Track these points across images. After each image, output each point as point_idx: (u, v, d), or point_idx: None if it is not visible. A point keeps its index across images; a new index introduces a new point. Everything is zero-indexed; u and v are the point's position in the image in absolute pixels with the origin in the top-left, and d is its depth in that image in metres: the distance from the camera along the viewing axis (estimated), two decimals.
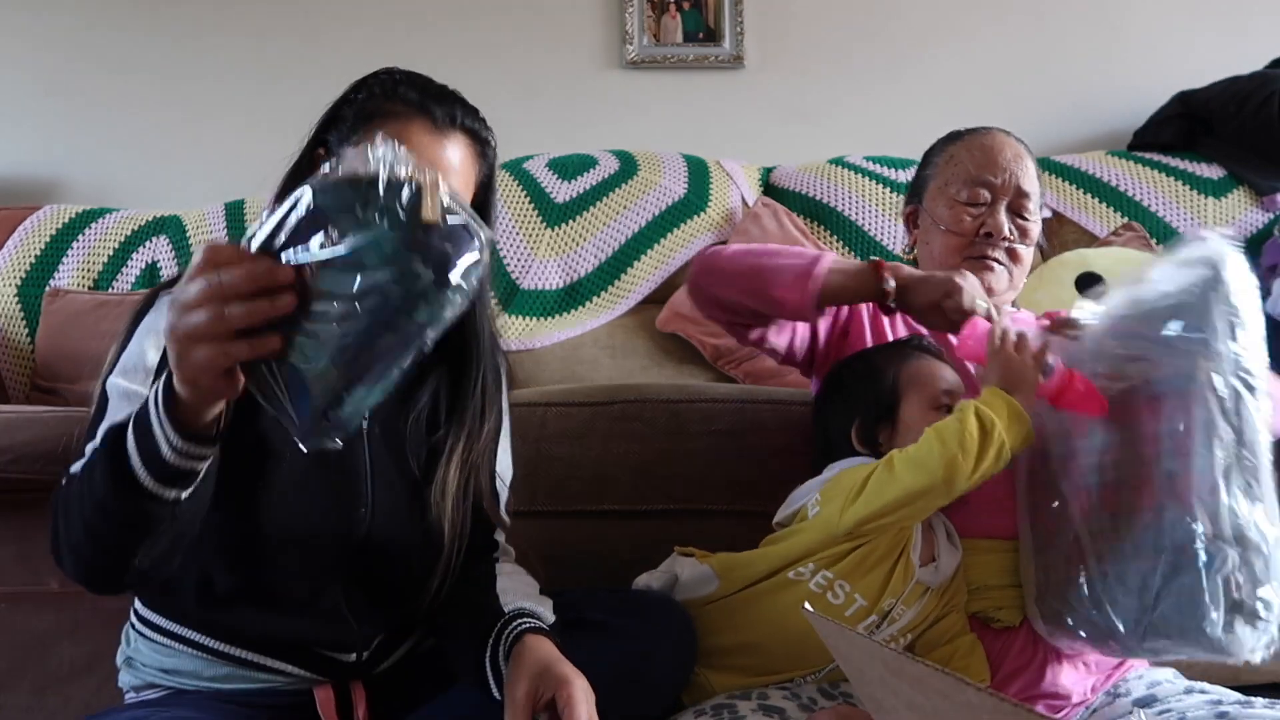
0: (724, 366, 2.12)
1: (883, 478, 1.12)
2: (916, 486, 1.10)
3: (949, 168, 1.44)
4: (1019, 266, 1.42)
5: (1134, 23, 2.70)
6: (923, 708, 0.70)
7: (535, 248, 2.25)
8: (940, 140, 1.51)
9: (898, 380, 1.24)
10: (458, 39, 2.66)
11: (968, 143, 1.45)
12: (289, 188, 1.14)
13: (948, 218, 1.41)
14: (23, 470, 1.40)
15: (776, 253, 1.34)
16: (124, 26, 2.67)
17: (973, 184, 1.40)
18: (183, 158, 2.65)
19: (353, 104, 1.14)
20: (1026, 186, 1.40)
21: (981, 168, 1.40)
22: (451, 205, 0.76)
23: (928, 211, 1.45)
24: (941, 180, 1.44)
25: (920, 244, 1.48)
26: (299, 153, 1.17)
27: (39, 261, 2.25)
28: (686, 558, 1.30)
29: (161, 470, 0.85)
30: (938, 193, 1.44)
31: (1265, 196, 2.32)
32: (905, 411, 1.23)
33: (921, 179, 1.50)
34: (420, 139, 1.10)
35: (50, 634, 1.45)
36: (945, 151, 1.47)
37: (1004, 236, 1.39)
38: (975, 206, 1.40)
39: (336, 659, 1.12)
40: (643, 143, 2.45)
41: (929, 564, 1.18)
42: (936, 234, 1.43)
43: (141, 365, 1.03)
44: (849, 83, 2.71)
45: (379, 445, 1.15)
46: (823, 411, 1.33)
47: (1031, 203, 1.41)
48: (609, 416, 1.50)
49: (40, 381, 2.11)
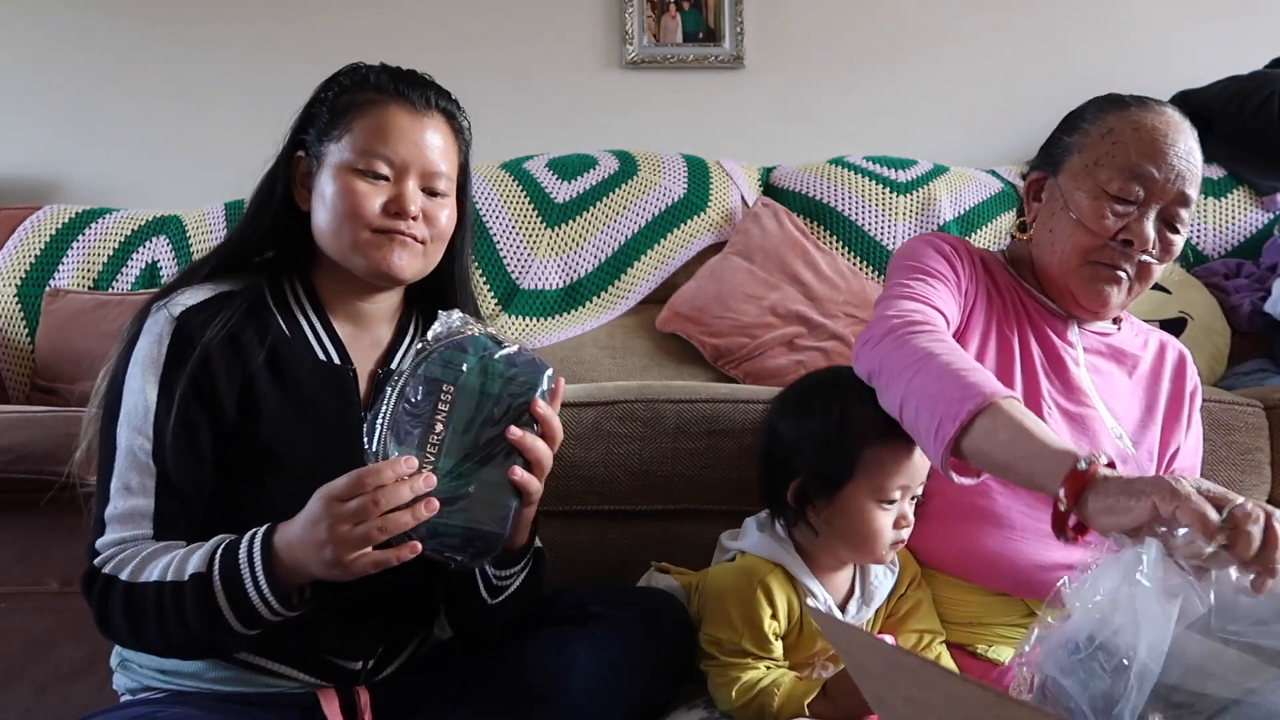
0: (724, 366, 2.12)
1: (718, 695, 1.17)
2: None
3: (1103, 144, 1.19)
4: (1142, 286, 1.22)
5: (1134, 23, 2.70)
6: (918, 700, 0.71)
7: (535, 248, 2.25)
8: (1095, 103, 1.25)
9: (856, 460, 1.13)
10: (458, 39, 2.66)
11: (1134, 118, 1.19)
12: (267, 192, 1.16)
13: (1088, 209, 1.18)
14: (23, 470, 1.40)
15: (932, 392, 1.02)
16: (124, 26, 2.67)
17: (1129, 175, 1.16)
18: (183, 158, 2.65)
19: (325, 102, 1.15)
20: (1190, 191, 1.17)
21: (1144, 156, 1.16)
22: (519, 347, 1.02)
23: (1062, 190, 1.22)
24: (1090, 157, 1.19)
25: (1040, 224, 1.26)
26: (275, 156, 1.18)
27: (39, 261, 2.25)
28: (663, 575, 1.32)
29: (254, 621, 0.99)
30: (1082, 172, 1.20)
31: (1265, 196, 2.31)
32: (850, 492, 1.14)
33: (1062, 145, 1.25)
34: (401, 122, 1.12)
35: (50, 634, 1.45)
36: (1102, 120, 1.21)
37: (1146, 249, 1.17)
38: (1123, 204, 1.17)
39: (343, 665, 1.12)
40: (643, 143, 2.45)
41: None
42: (1066, 222, 1.21)
43: (143, 404, 1.06)
44: (849, 83, 2.71)
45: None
46: (778, 431, 1.22)
47: (1187, 213, 1.18)
48: (610, 417, 1.50)
49: (40, 381, 2.11)
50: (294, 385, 1.12)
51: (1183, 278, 2.20)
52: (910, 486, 1.15)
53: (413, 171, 1.12)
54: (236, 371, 1.09)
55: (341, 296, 1.17)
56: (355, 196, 1.10)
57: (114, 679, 1.15)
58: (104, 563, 1.02)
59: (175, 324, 1.08)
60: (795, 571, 1.18)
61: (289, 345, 1.13)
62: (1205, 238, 2.31)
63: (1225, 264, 2.27)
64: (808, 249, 2.21)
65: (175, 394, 1.05)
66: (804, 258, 2.20)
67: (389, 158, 1.11)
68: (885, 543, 1.15)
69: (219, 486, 1.08)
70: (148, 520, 1.04)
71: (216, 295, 1.12)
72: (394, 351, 1.21)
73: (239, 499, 1.08)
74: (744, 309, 2.13)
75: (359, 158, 1.11)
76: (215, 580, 0.97)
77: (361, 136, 1.11)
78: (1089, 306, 1.26)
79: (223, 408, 1.08)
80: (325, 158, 1.13)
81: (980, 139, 2.66)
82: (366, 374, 1.18)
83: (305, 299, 1.17)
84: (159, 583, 0.99)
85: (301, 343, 1.14)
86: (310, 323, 1.16)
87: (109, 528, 1.04)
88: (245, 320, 1.11)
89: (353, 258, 1.12)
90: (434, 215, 1.14)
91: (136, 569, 1.00)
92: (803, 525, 1.19)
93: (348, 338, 1.17)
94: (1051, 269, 1.26)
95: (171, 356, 1.07)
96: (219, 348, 1.08)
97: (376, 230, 1.11)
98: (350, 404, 1.15)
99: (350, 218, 1.10)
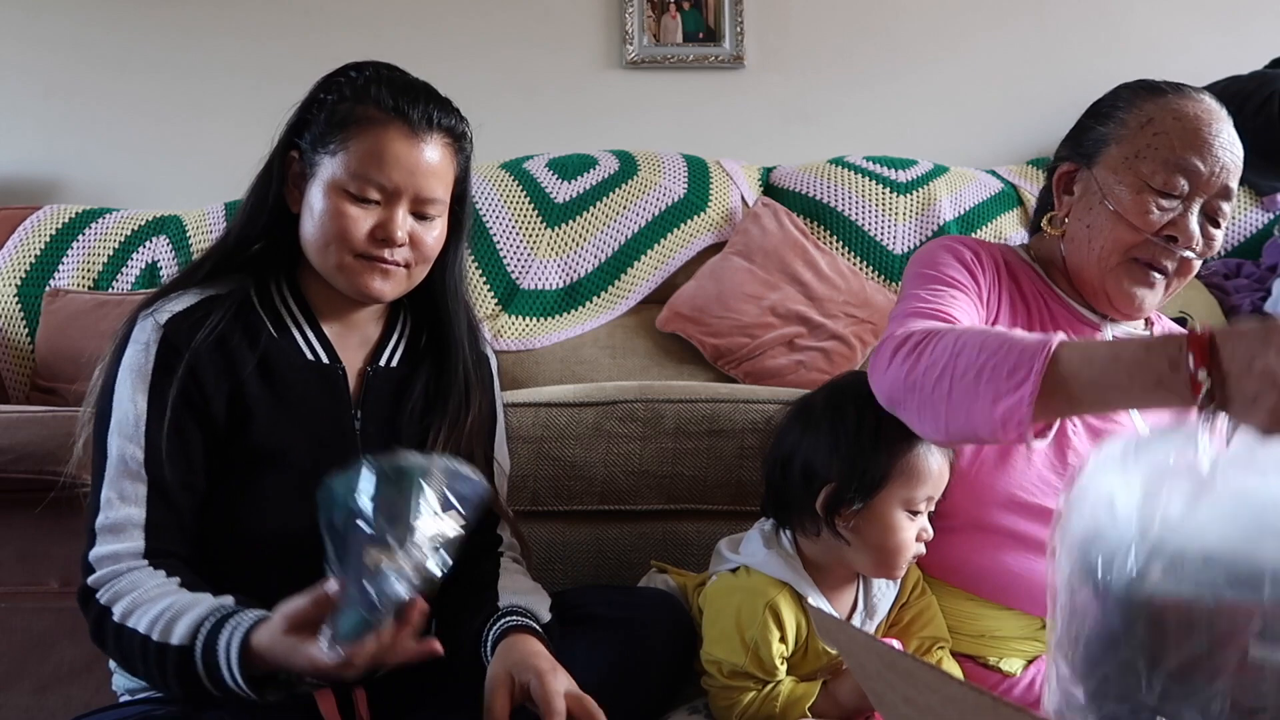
0: (724, 366, 2.12)
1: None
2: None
3: (1144, 135, 1.13)
4: (1180, 282, 1.18)
5: (1134, 23, 2.70)
6: (916, 702, 0.71)
7: (535, 248, 2.25)
8: (1129, 89, 1.19)
9: (891, 467, 1.11)
10: (458, 39, 2.66)
11: (1175, 107, 1.13)
12: (261, 192, 1.16)
13: (1130, 205, 1.12)
14: (23, 470, 1.40)
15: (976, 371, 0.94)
16: (124, 27, 2.67)
17: (1173, 168, 1.10)
18: (183, 158, 2.65)
19: (323, 105, 1.13)
20: (1233, 184, 1.13)
21: (1189, 148, 1.11)
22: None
23: (1099, 183, 1.16)
24: (1130, 149, 1.13)
25: (1074, 219, 1.19)
26: (269, 156, 1.17)
27: (39, 261, 2.25)
28: (661, 575, 1.31)
29: (230, 693, 0.97)
30: (1123, 164, 1.14)
31: (1265, 196, 2.31)
32: (883, 498, 1.12)
33: (1095, 135, 1.19)
34: (398, 148, 1.10)
35: (50, 634, 1.45)
36: (1140, 109, 1.15)
37: (1191, 246, 1.12)
38: (1168, 198, 1.11)
39: None
40: (643, 143, 2.45)
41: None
42: (1105, 217, 1.15)
43: (134, 413, 1.06)
44: (849, 83, 2.71)
45: (373, 443, 1.15)
46: (802, 438, 1.17)
47: (1229, 206, 1.14)
48: (610, 417, 1.50)
49: (40, 381, 2.11)
50: (283, 386, 1.12)
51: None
52: (934, 497, 1.14)
53: (404, 197, 1.11)
54: (225, 376, 1.09)
55: (328, 299, 1.17)
56: (344, 220, 1.09)
57: (114, 679, 1.15)
58: (98, 585, 1.03)
59: (162, 332, 1.08)
60: (803, 589, 1.16)
61: (277, 346, 1.13)
62: None
63: (1225, 264, 2.27)
64: (808, 249, 2.21)
65: (166, 402, 1.05)
66: (804, 258, 2.20)
67: (381, 184, 1.10)
68: (909, 556, 1.14)
69: (212, 490, 1.09)
70: (139, 530, 1.04)
71: (202, 300, 1.12)
72: (383, 348, 1.21)
73: (232, 501, 1.09)
74: (744, 309, 2.13)
75: (351, 180, 1.10)
76: (197, 659, 0.97)
77: (356, 158, 1.10)
78: (1123, 309, 1.21)
79: (212, 412, 1.08)
80: (318, 169, 1.12)
81: (980, 139, 2.66)
82: (356, 372, 1.18)
83: (292, 300, 1.17)
84: (145, 636, 0.99)
85: (290, 343, 1.15)
86: (298, 323, 1.16)
87: (99, 539, 1.04)
88: (233, 324, 1.11)
89: (335, 277, 1.13)
90: (421, 239, 1.13)
91: (128, 609, 1.01)
92: (828, 535, 1.15)
93: (335, 336, 1.18)
94: (1088, 267, 1.20)
95: (159, 365, 1.07)
96: (207, 353, 1.08)
97: (360, 255, 1.11)
98: (340, 403, 1.15)
99: (337, 240, 1.10)
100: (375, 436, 1.16)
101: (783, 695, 1.13)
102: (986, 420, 0.93)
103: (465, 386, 1.21)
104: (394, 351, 1.22)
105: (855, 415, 1.13)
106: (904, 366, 1.02)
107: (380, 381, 1.19)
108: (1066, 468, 1.17)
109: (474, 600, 1.15)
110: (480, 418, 1.22)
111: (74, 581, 1.06)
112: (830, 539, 1.15)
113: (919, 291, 1.16)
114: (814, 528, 1.15)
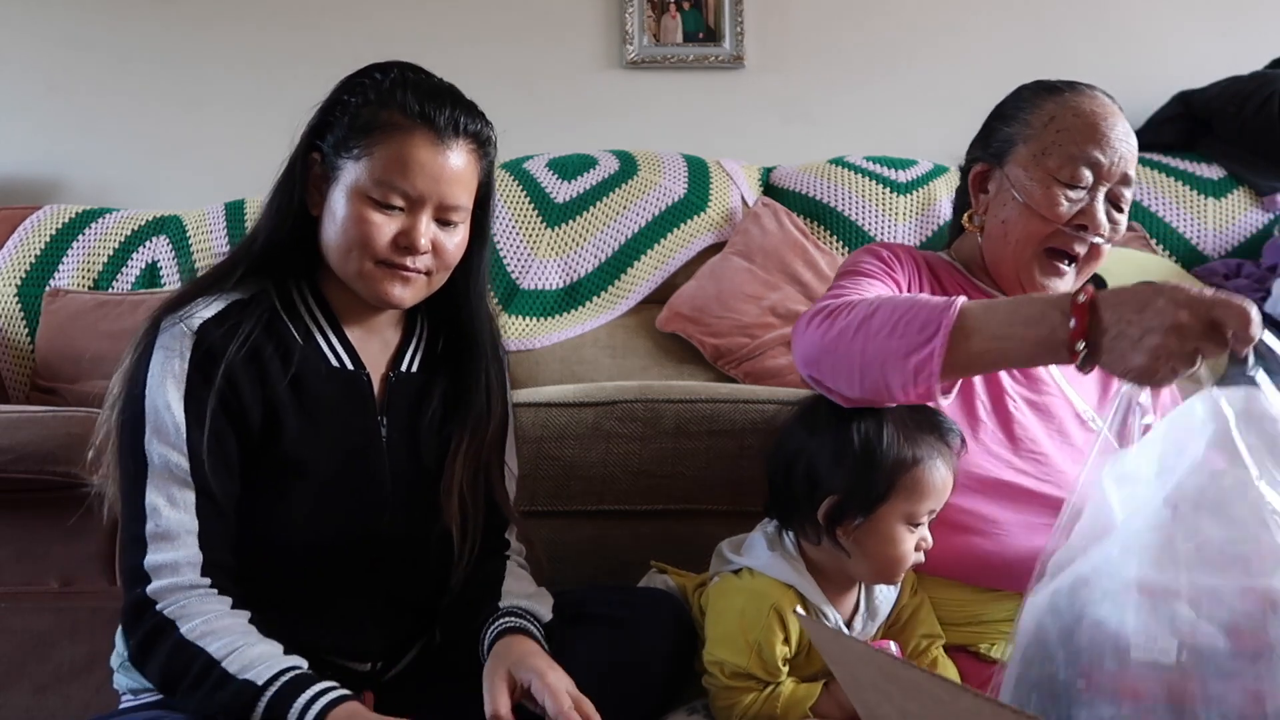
0: (724, 366, 2.12)
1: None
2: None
3: (1049, 133, 1.21)
4: (1091, 267, 1.25)
5: (1134, 23, 2.70)
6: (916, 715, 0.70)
7: (535, 248, 2.25)
8: (1029, 89, 1.28)
9: (895, 480, 1.11)
10: (458, 39, 2.65)
11: (1073, 104, 1.22)
12: (285, 194, 1.14)
13: (1041, 198, 1.19)
14: (23, 470, 1.40)
15: (890, 327, 1.02)
16: (124, 27, 2.67)
17: (1077, 161, 1.18)
18: (183, 158, 2.65)
19: (346, 108, 1.11)
20: (1131, 171, 1.20)
21: (1090, 142, 1.19)
22: None
23: (1011, 180, 1.23)
24: (1037, 147, 1.22)
25: (991, 215, 1.27)
26: (291, 157, 1.15)
27: (39, 261, 2.25)
28: (661, 575, 1.31)
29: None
30: (1031, 161, 1.22)
31: (1265, 196, 2.31)
32: (884, 513, 1.12)
33: (1004, 136, 1.27)
34: (423, 156, 1.08)
35: (50, 634, 1.45)
36: (1042, 108, 1.24)
37: (1099, 232, 1.20)
38: (1075, 189, 1.19)
39: (350, 668, 1.12)
40: (643, 143, 2.45)
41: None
42: (1017, 211, 1.22)
43: (172, 421, 1.04)
44: (849, 83, 2.71)
45: (398, 449, 1.15)
46: (806, 445, 1.17)
47: (1130, 191, 1.21)
48: (610, 417, 1.50)
49: (40, 381, 2.11)
50: (311, 393, 1.11)
51: (1182, 278, 2.20)
52: (936, 510, 1.15)
53: (428, 205, 1.09)
54: (260, 385, 1.08)
55: (349, 303, 1.16)
56: (367, 227, 1.08)
57: (114, 678, 1.14)
58: (159, 596, 1.00)
59: (195, 338, 1.06)
60: (807, 593, 1.16)
61: (304, 354, 1.12)
62: (1205, 238, 2.31)
63: (1225, 264, 2.26)
64: (808, 249, 2.21)
65: (205, 410, 1.04)
66: (804, 258, 2.20)
67: (406, 191, 1.08)
68: (907, 565, 1.14)
69: (240, 498, 1.08)
70: (193, 538, 1.02)
71: (230, 305, 1.10)
72: (403, 354, 1.20)
73: (260, 508, 1.08)
74: (744, 309, 2.13)
75: (375, 187, 1.08)
76: (260, 707, 0.95)
77: (380, 165, 1.08)
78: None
79: (248, 421, 1.07)
80: (340, 173, 1.10)
81: None
82: (379, 377, 1.17)
83: (315, 306, 1.16)
84: (213, 659, 0.97)
85: (314, 350, 1.13)
86: (321, 329, 1.15)
87: (152, 546, 1.01)
88: (265, 332, 1.10)
89: (356, 282, 1.12)
90: (443, 246, 1.12)
91: (198, 629, 0.99)
92: (828, 544, 1.15)
93: (358, 342, 1.17)
94: (1004, 261, 1.27)
95: (195, 371, 1.05)
96: (242, 363, 1.07)
97: (381, 262, 1.09)
98: (366, 410, 1.15)
99: (359, 246, 1.09)
100: (400, 444, 1.16)
101: (784, 696, 1.13)
102: (899, 373, 1.00)
103: (487, 394, 1.20)
104: (413, 357, 1.21)
105: (859, 426, 1.13)
106: (819, 330, 1.08)
107: (402, 387, 1.18)
108: (1015, 441, 1.23)
109: (478, 603, 1.15)
110: (499, 426, 1.22)
111: (74, 581, 1.05)
112: (830, 548, 1.16)
113: (838, 284, 1.23)
114: (815, 536, 1.16)
